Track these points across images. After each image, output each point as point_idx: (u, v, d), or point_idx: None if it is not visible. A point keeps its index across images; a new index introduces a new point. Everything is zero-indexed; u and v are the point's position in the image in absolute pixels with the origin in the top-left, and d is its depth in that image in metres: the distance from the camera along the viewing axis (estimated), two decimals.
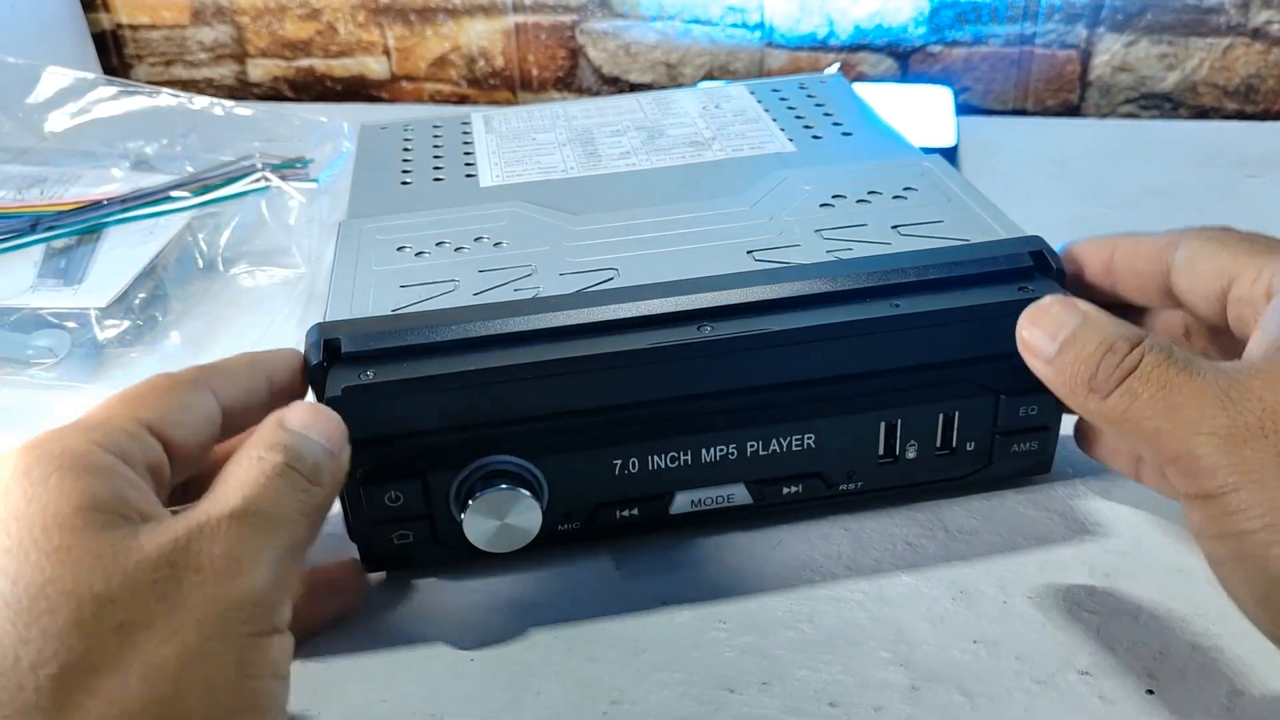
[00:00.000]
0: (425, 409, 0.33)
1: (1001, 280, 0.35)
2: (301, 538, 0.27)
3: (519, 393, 0.33)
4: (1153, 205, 0.61)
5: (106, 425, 0.27)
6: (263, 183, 0.57)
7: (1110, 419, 0.29)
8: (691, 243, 0.39)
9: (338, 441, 0.30)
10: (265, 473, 0.27)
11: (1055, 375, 0.30)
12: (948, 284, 0.35)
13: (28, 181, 0.58)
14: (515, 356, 0.33)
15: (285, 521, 0.27)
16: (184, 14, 0.86)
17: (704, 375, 0.34)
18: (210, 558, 0.24)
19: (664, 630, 0.34)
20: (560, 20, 0.82)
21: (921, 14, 0.77)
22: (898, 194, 0.42)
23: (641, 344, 0.33)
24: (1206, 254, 0.32)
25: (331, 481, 0.29)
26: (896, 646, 0.33)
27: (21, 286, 0.50)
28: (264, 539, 0.26)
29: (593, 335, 0.34)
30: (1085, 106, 0.78)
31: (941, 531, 0.37)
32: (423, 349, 0.34)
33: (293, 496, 0.27)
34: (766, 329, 0.34)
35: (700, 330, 0.34)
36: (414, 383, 0.32)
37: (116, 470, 0.26)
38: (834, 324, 0.34)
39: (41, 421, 0.45)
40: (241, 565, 0.25)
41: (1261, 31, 0.73)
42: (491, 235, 0.41)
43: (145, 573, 0.24)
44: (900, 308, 0.34)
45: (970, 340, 0.35)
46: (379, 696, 0.32)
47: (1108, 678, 0.32)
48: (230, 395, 0.31)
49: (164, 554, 0.24)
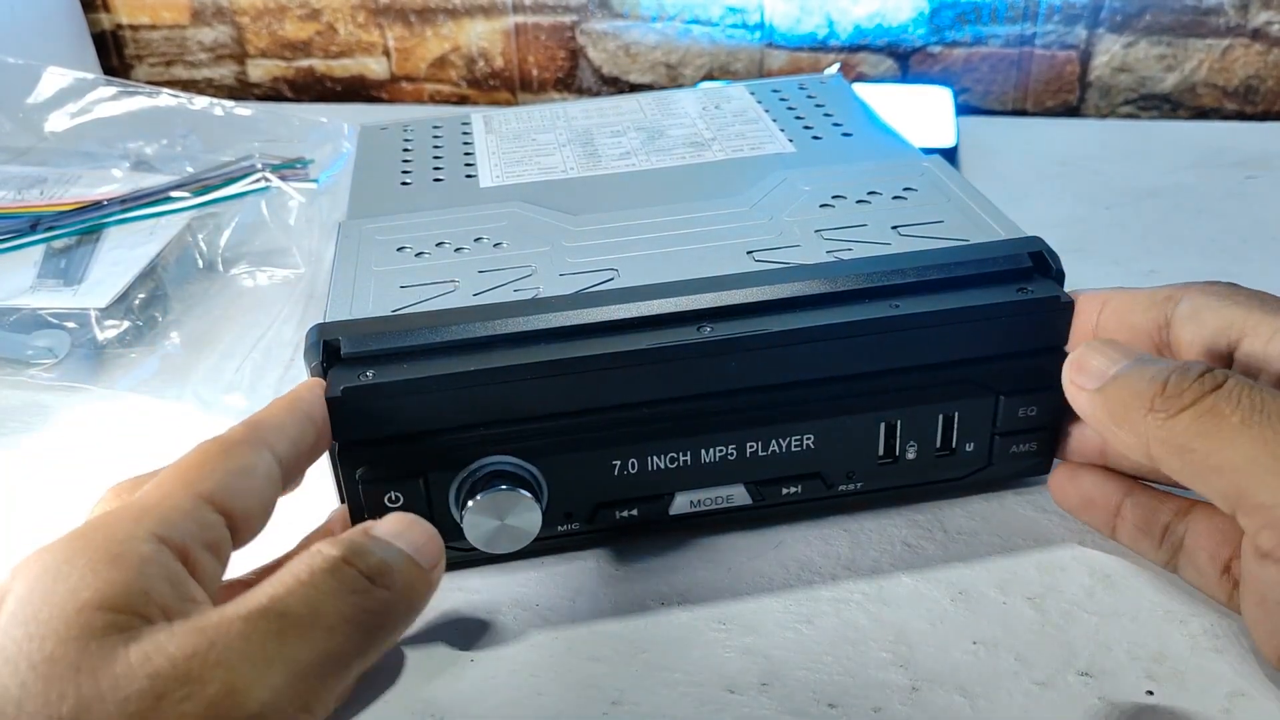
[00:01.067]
0: (426, 409, 0.33)
1: (1001, 281, 0.35)
2: (344, 649, 0.23)
3: (519, 393, 0.33)
4: (1153, 206, 0.61)
5: (162, 507, 0.25)
6: (263, 183, 0.57)
7: (1174, 443, 0.26)
8: (691, 243, 0.39)
9: (427, 552, 0.27)
10: (312, 568, 0.24)
11: (1106, 400, 0.28)
12: (948, 284, 0.35)
13: (28, 181, 0.58)
14: (515, 357, 0.33)
15: (322, 626, 0.23)
16: (184, 14, 0.86)
17: (704, 376, 0.34)
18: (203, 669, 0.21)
19: (664, 630, 0.34)
20: (560, 21, 0.82)
21: (921, 14, 0.77)
22: (897, 194, 0.42)
23: (641, 344, 0.33)
24: (1214, 307, 0.31)
25: (404, 588, 0.26)
26: (896, 647, 0.33)
27: (21, 287, 0.50)
28: (281, 647, 0.22)
29: (592, 335, 0.34)
30: (1085, 107, 0.78)
31: (941, 532, 0.37)
32: (422, 350, 0.34)
33: (341, 598, 0.24)
34: (767, 329, 0.34)
35: (700, 331, 0.34)
36: (414, 383, 0.32)
37: (156, 560, 0.24)
38: (834, 324, 0.34)
39: (41, 422, 0.46)
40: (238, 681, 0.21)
41: (1261, 32, 0.73)
42: (491, 236, 0.41)
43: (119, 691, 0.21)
44: (900, 308, 0.34)
45: (970, 341, 0.35)
46: (379, 697, 0.32)
47: (1107, 678, 0.32)
48: (284, 447, 0.29)
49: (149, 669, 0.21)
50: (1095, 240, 0.58)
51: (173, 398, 0.47)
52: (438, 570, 0.28)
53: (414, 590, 0.26)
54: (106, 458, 0.44)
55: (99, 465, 0.43)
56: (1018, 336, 0.35)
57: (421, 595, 0.27)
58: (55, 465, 0.43)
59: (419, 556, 0.27)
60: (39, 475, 0.43)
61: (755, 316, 0.34)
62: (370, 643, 0.25)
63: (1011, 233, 0.38)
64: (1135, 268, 0.55)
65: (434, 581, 0.27)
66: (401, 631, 0.26)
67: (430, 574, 0.27)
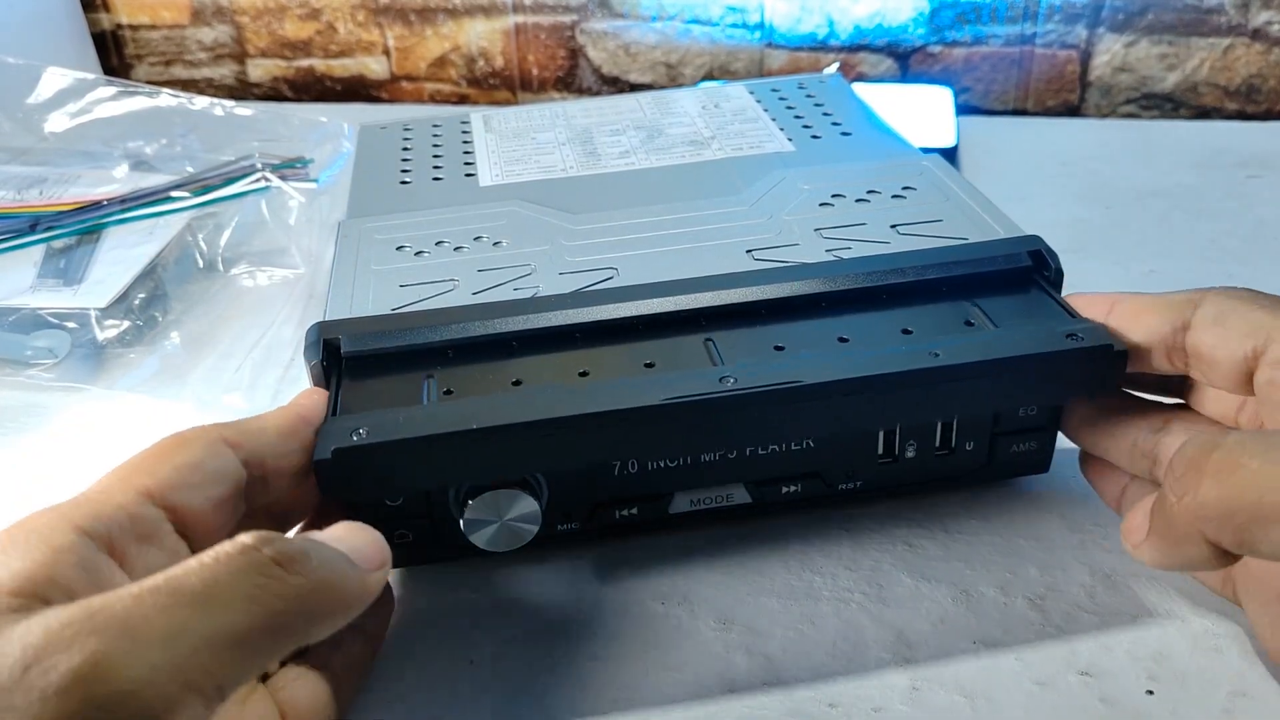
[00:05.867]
0: (422, 470, 0.31)
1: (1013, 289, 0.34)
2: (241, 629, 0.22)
3: (523, 450, 0.31)
4: (1153, 206, 0.61)
5: (93, 501, 0.26)
6: (263, 183, 0.57)
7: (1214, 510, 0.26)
8: (690, 242, 0.39)
9: (364, 555, 0.27)
10: (219, 551, 0.24)
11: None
12: (947, 285, 0.35)
13: (28, 181, 0.58)
14: (521, 413, 0.30)
15: (218, 603, 0.22)
16: (184, 14, 0.86)
17: (726, 430, 0.32)
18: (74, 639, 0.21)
19: (664, 630, 0.34)
20: (560, 20, 0.82)
21: (921, 14, 0.77)
22: (897, 193, 0.42)
23: (656, 397, 0.31)
24: (1240, 311, 0.30)
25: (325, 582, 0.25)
26: (896, 647, 0.33)
27: (21, 287, 0.50)
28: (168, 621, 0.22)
29: (594, 342, 0.34)
30: (1086, 107, 0.78)
31: (941, 532, 0.37)
32: (423, 352, 0.34)
33: (244, 577, 0.23)
34: (798, 381, 0.31)
35: (723, 382, 0.31)
36: (411, 444, 0.30)
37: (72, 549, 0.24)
38: (871, 377, 0.31)
39: (41, 422, 0.46)
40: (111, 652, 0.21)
41: (1262, 32, 0.73)
42: (491, 234, 0.41)
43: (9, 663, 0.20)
44: (941, 357, 0.31)
45: (1014, 392, 0.33)
46: (378, 698, 0.32)
47: (1108, 678, 0.32)
48: (256, 444, 0.29)
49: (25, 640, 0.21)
50: (1095, 240, 0.57)
51: (172, 398, 0.47)
52: (378, 574, 0.27)
53: (341, 587, 0.26)
54: (106, 458, 0.44)
55: (99, 465, 0.43)
56: (1066, 386, 0.33)
57: (353, 593, 0.26)
58: (55, 465, 0.43)
59: (356, 557, 0.27)
60: (39, 475, 0.43)
61: (759, 324, 0.34)
62: (281, 629, 0.24)
63: (1011, 232, 0.38)
64: (1135, 268, 0.54)
65: (371, 584, 0.27)
66: (327, 624, 0.26)
67: (367, 576, 0.27)
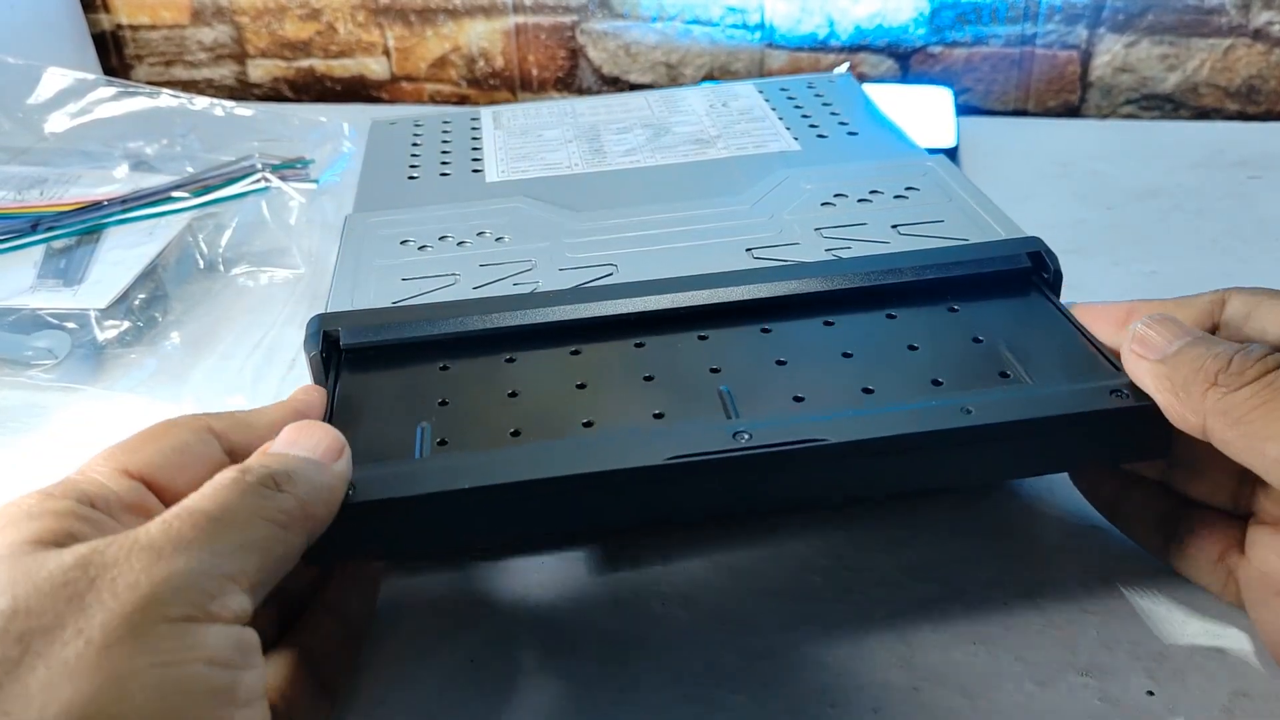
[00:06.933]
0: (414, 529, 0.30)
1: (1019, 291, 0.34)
2: (259, 537, 0.25)
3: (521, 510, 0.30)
4: (1153, 206, 0.61)
5: (74, 480, 0.27)
6: (263, 183, 0.57)
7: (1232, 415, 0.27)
8: (691, 240, 0.39)
9: (326, 451, 0.28)
10: (216, 482, 0.26)
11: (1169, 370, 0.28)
12: (942, 287, 0.35)
13: (28, 182, 0.58)
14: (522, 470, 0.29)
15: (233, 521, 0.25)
16: (184, 14, 0.86)
17: (740, 489, 0.30)
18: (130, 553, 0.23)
19: (664, 630, 0.34)
20: (560, 21, 0.82)
21: (922, 14, 0.77)
22: (899, 194, 0.42)
23: (662, 455, 0.29)
24: (1267, 305, 0.31)
25: (310, 488, 0.27)
26: (896, 647, 0.33)
27: (21, 287, 0.50)
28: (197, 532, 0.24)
29: (594, 340, 0.34)
30: (1086, 107, 0.78)
31: (941, 531, 0.37)
32: (420, 346, 0.34)
33: (246, 499, 0.25)
34: (822, 440, 0.29)
35: (736, 439, 0.29)
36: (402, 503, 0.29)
37: (71, 511, 0.25)
38: (901, 436, 0.29)
39: (41, 422, 0.46)
40: (162, 554, 0.23)
41: (1263, 32, 0.73)
42: (494, 230, 0.41)
43: (56, 578, 0.23)
44: (974, 415, 0.29)
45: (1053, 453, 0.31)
46: (378, 698, 0.32)
47: (1108, 678, 0.31)
48: (243, 437, 0.30)
49: (79, 559, 0.23)
50: (1096, 240, 0.57)
51: (172, 398, 0.47)
52: (341, 462, 0.28)
53: (321, 485, 0.27)
54: None
55: None
56: (1108, 448, 0.31)
57: (330, 487, 0.28)
58: (55, 465, 0.43)
59: (316, 455, 0.28)
60: (39, 475, 0.43)
61: (756, 321, 0.34)
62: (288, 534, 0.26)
63: (1012, 233, 0.38)
64: (1135, 268, 0.54)
65: (339, 473, 0.28)
66: (323, 522, 0.27)
67: (333, 469, 0.28)
